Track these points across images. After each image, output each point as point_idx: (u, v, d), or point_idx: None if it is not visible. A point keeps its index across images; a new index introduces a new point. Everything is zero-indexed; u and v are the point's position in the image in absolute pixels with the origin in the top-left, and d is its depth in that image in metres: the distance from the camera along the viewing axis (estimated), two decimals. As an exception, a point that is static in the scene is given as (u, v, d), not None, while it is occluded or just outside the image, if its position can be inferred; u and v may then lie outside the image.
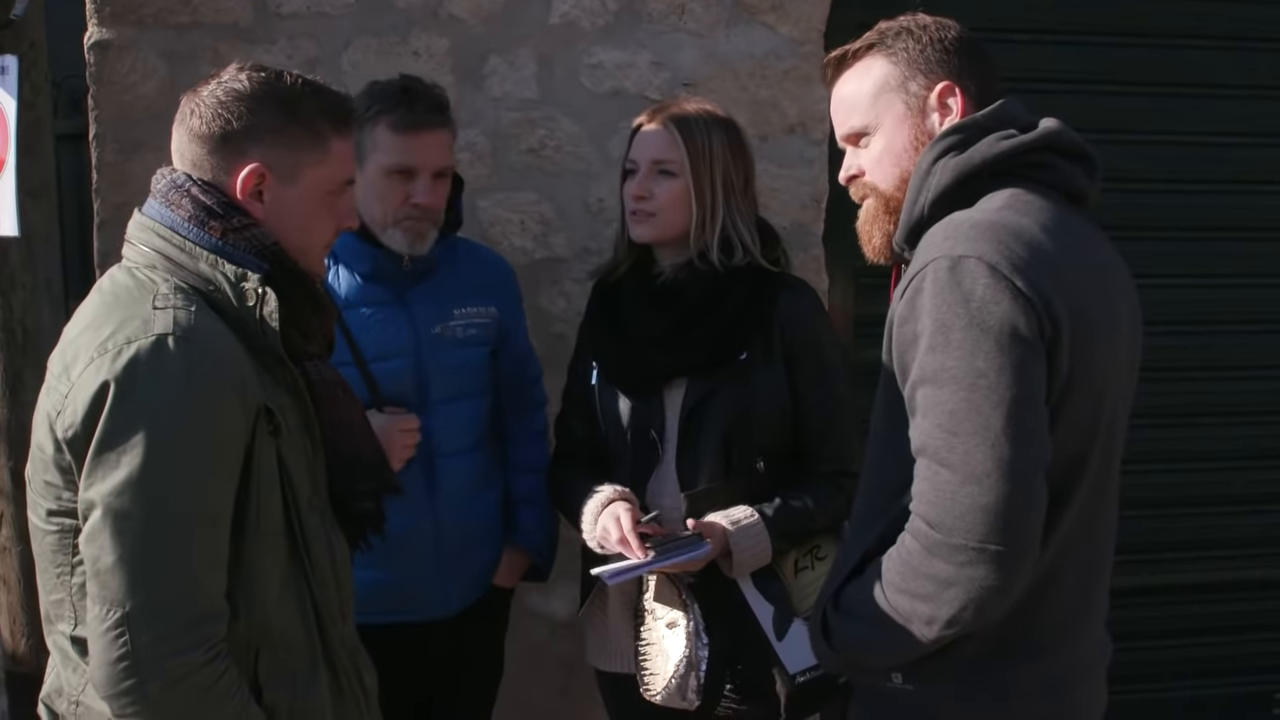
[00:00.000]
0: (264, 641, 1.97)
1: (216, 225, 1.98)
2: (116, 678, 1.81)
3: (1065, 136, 2.04)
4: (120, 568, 1.80)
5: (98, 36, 3.33)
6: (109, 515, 1.81)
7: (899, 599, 1.91)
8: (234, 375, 1.90)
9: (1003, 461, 1.79)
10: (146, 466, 1.81)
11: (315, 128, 2.05)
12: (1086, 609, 2.04)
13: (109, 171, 3.35)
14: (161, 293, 1.93)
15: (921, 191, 2.01)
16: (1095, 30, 3.92)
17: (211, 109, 2.01)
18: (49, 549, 1.96)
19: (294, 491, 2.01)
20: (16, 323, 3.18)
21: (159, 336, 1.85)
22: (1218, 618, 4.27)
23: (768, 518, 2.66)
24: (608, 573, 2.59)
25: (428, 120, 2.80)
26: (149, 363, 1.83)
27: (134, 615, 1.80)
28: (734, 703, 2.71)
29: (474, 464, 2.98)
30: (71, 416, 1.85)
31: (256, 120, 2.01)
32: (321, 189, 2.08)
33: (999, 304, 1.82)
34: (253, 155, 2.01)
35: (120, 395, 1.82)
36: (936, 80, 2.06)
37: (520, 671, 3.25)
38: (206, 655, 1.84)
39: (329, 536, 2.13)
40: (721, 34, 3.58)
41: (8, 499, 3.21)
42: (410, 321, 2.87)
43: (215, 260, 1.96)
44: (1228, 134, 4.07)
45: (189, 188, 2.00)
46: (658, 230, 2.77)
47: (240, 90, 2.02)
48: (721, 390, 2.70)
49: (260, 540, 1.95)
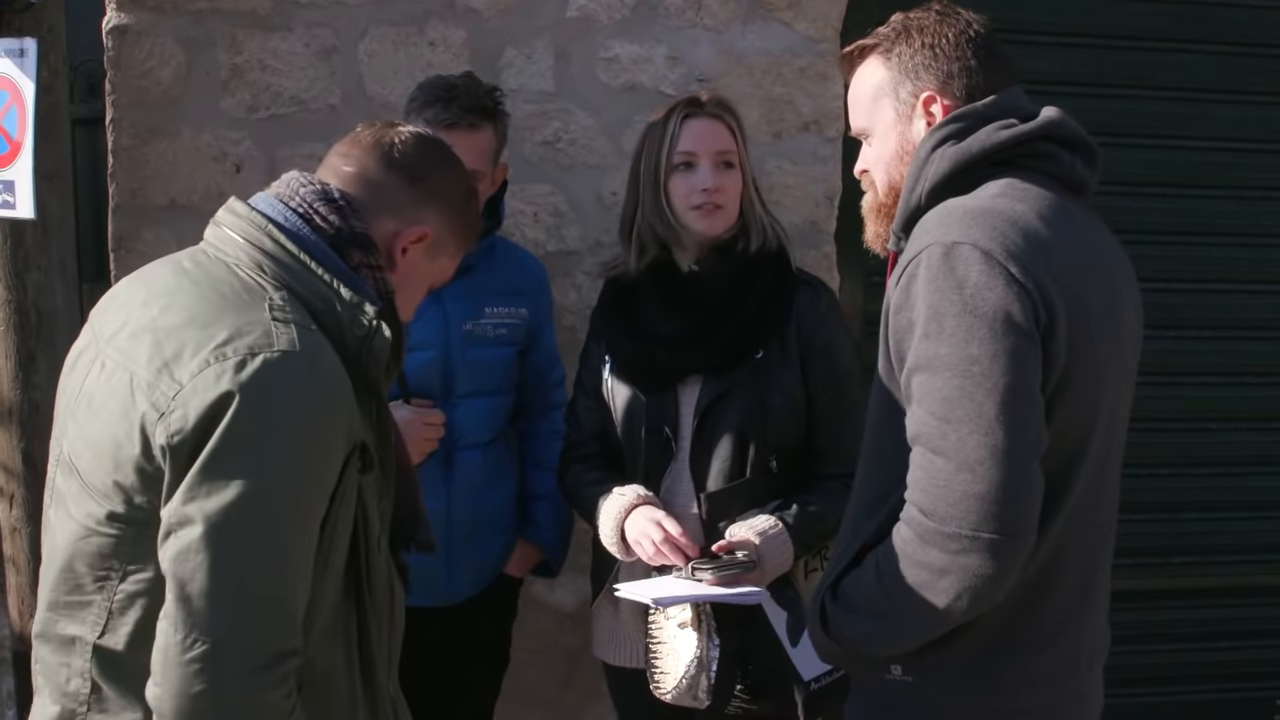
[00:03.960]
0: (308, 677, 1.82)
1: (355, 255, 1.89)
2: (193, 711, 1.67)
3: (1065, 126, 2.03)
4: (217, 596, 1.66)
5: (116, 21, 3.34)
6: (212, 535, 1.66)
7: (895, 588, 1.90)
8: (348, 405, 1.79)
9: (996, 449, 1.78)
10: (261, 490, 1.67)
11: (471, 231, 2.10)
12: (1086, 601, 2.04)
13: (125, 156, 3.36)
14: (276, 303, 1.78)
15: (919, 180, 2.00)
16: (1100, 34, 3.92)
17: (419, 152, 2.00)
18: (93, 550, 1.79)
19: (366, 530, 1.89)
20: (31, 305, 3.19)
21: (286, 354, 1.71)
22: (1222, 623, 4.26)
23: (790, 526, 2.64)
24: (664, 600, 2.52)
25: (461, 120, 2.79)
26: (277, 380, 1.70)
27: (225, 650, 1.66)
28: (744, 702, 2.70)
29: (491, 457, 3.01)
30: (181, 422, 1.68)
31: (449, 195, 2.02)
32: (440, 275, 2.08)
33: (992, 290, 1.81)
34: (430, 220, 1.98)
35: (243, 410, 1.67)
36: (923, 88, 2.05)
37: (525, 662, 3.26)
38: (283, 691, 1.71)
39: (392, 580, 2.01)
40: (738, 30, 3.58)
41: (18, 481, 3.22)
42: (442, 316, 2.88)
43: (332, 280, 1.83)
44: (1237, 139, 4.06)
45: (346, 213, 1.90)
46: (727, 222, 2.75)
47: (446, 155, 2.07)
48: (737, 389, 2.69)
49: (327, 577, 1.82)
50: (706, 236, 2.74)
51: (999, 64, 2.07)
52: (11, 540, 3.24)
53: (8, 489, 3.23)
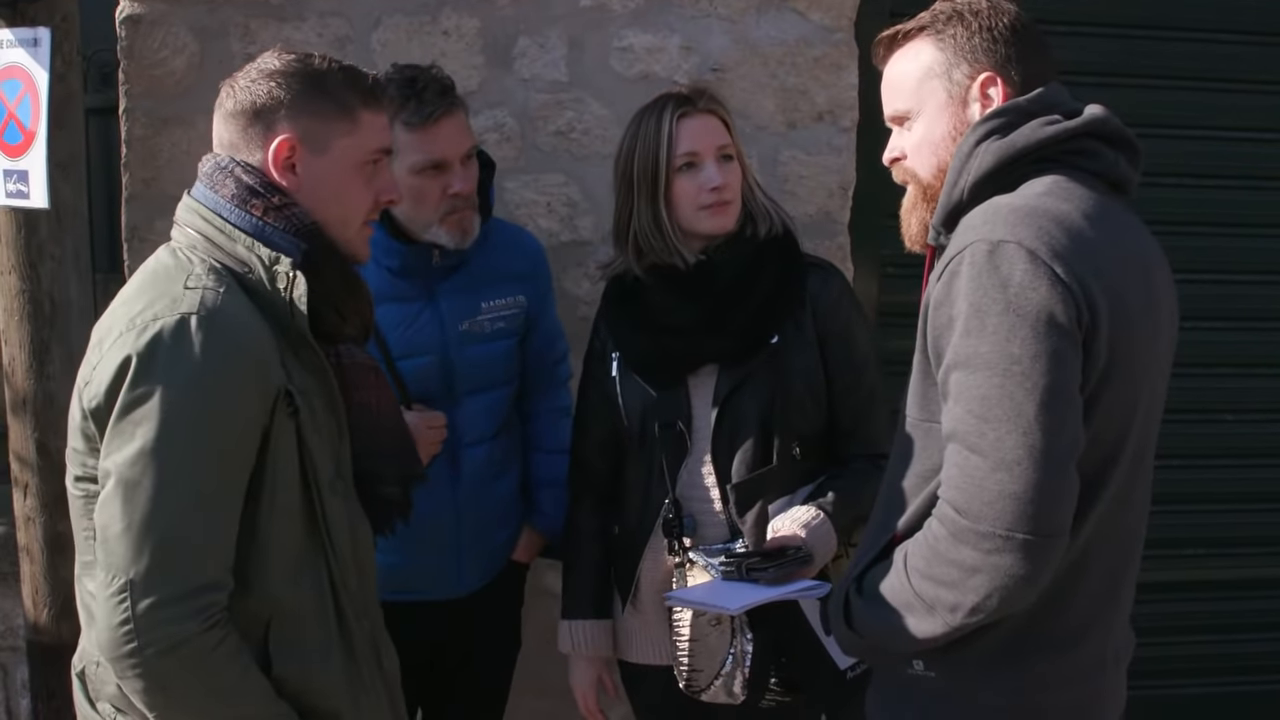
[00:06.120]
0: (275, 614, 2.02)
1: (258, 204, 2.04)
2: (117, 642, 1.88)
3: (1110, 123, 2.02)
4: (126, 536, 1.87)
5: (129, 11, 3.34)
6: (120, 485, 1.88)
7: (923, 584, 1.90)
8: (253, 357, 1.96)
9: (1034, 449, 1.77)
10: (158, 440, 1.88)
11: (343, 99, 2.10)
12: (1113, 601, 2.03)
13: (138, 146, 3.37)
14: (195, 273, 1.99)
15: (962, 175, 1.98)
16: (1125, 23, 3.90)
17: (244, 88, 2.08)
18: (77, 513, 2.05)
19: (315, 472, 2.06)
20: (44, 295, 3.18)
21: (183, 316, 1.92)
22: (1238, 615, 4.25)
23: (830, 515, 2.61)
24: (739, 606, 2.46)
25: (441, 108, 2.72)
26: (170, 341, 1.90)
27: (136, 583, 1.87)
28: (778, 695, 2.67)
29: (496, 451, 2.99)
30: (96, 387, 1.93)
31: (285, 95, 2.06)
32: (353, 159, 2.11)
33: (1036, 290, 1.80)
34: (283, 128, 2.06)
35: (140, 370, 1.89)
36: (980, 70, 2.03)
37: (537, 653, 3.26)
38: (203, 623, 1.89)
39: (351, 519, 2.17)
40: (752, 19, 3.57)
41: (33, 471, 3.22)
42: (438, 319, 2.86)
43: (252, 243, 2.02)
44: (1253, 129, 4.05)
45: (232, 169, 2.07)
46: (735, 216, 2.71)
47: (270, 69, 2.09)
48: (755, 376, 2.67)
49: (274, 516, 2.00)
50: (718, 234, 2.71)
51: (1044, 56, 2.06)
52: (26, 530, 3.24)
53: (22, 479, 3.23)
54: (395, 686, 2.27)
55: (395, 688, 2.27)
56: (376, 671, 2.20)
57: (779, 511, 2.64)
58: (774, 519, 2.62)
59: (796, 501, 2.67)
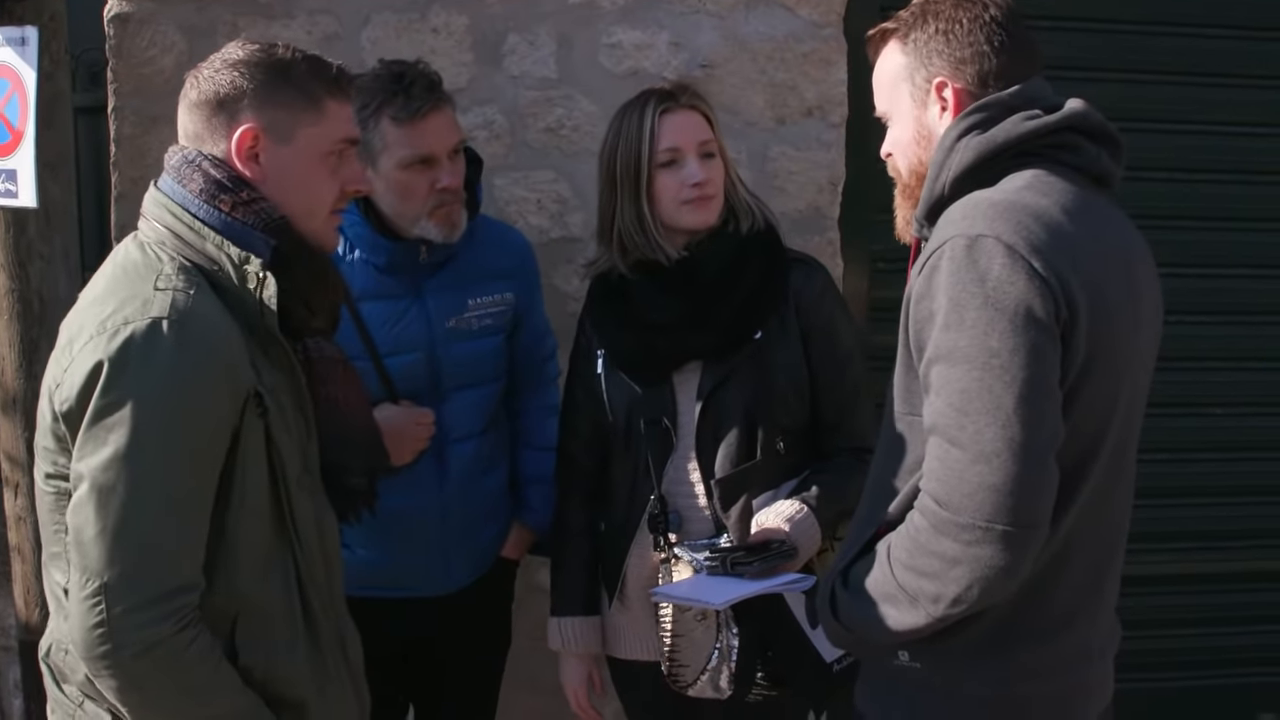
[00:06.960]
0: (242, 610, 2.03)
1: (226, 199, 2.03)
2: (92, 643, 1.89)
3: (1091, 118, 2.02)
4: (101, 540, 1.88)
5: (117, 9, 3.33)
6: (94, 489, 1.89)
7: (906, 576, 1.91)
8: (224, 360, 1.96)
9: (1013, 442, 1.79)
10: (131, 445, 1.88)
11: (308, 88, 2.09)
12: (1097, 592, 2.04)
13: (127, 145, 3.36)
14: (165, 272, 1.99)
15: (943, 170, 1.99)
16: (1113, 18, 3.90)
17: (207, 79, 2.08)
18: (47, 507, 2.06)
19: (283, 469, 2.07)
20: (34, 293, 3.19)
21: (154, 320, 1.92)
22: (1226, 608, 4.26)
23: (814, 509, 2.62)
24: (723, 601, 2.48)
25: (428, 103, 2.71)
26: (142, 346, 1.90)
27: (110, 586, 1.88)
28: (764, 689, 2.67)
29: (484, 447, 2.98)
30: (68, 391, 1.93)
31: (249, 84, 2.06)
32: (318, 148, 2.11)
33: (1014, 284, 1.81)
34: (246, 118, 2.06)
35: (112, 375, 1.89)
36: (935, 73, 2.05)
37: (528, 650, 3.26)
38: (176, 625, 1.91)
39: (318, 512, 2.19)
40: (741, 16, 3.57)
41: (22, 469, 3.22)
42: (424, 316, 2.85)
43: (221, 241, 2.02)
44: (1242, 124, 4.05)
45: (200, 162, 2.06)
46: (717, 212, 2.71)
47: (233, 59, 2.08)
48: (739, 372, 2.67)
49: (242, 515, 2.01)
50: (700, 229, 2.71)
51: (1021, 50, 2.06)
52: (16, 529, 3.24)
53: (12, 478, 3.24)
54: (359, 676, 2.29)
55: (359, 677, 2.29)
56: (342, 661, 2.21)
57: (763, 506, 2.65)
58: (758, 513, 2.63)
59: (781, 496, 2.67)
